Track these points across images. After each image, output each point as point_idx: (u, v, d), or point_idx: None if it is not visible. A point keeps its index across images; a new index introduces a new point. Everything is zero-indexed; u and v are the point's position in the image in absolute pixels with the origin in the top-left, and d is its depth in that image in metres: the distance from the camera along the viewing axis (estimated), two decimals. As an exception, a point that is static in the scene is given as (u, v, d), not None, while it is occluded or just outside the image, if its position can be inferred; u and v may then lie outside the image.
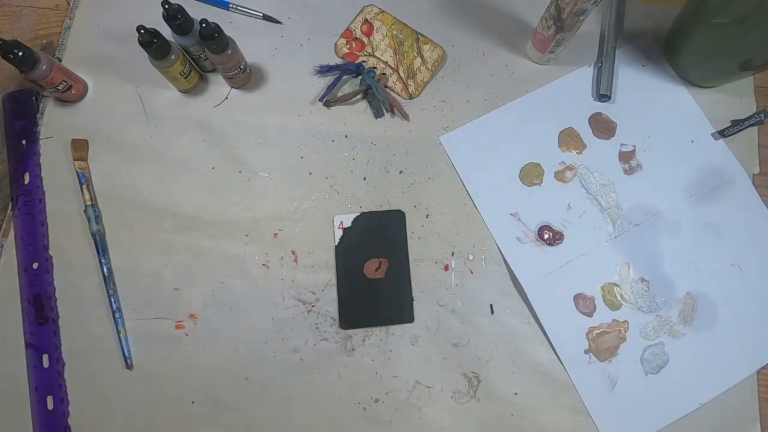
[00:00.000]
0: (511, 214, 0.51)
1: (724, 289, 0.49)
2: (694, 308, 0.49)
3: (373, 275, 0.50)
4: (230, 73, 0.50)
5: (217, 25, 0.45)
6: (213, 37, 0.45)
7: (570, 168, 0.52)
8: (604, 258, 0.50)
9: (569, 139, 0.53)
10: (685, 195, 0.51)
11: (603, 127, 0.53)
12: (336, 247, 0.50)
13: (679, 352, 0.48)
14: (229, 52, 0.48)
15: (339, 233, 0.50)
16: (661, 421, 0.47)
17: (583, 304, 0.49)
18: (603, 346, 0.48)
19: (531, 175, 0.52)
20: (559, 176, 0.52)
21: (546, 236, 0.50)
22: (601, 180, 0.52)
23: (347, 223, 0.51)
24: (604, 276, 0.50)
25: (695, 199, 0.51)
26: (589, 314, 0.49)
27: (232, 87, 0.54)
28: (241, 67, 0.50)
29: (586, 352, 0.48)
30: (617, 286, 0.50)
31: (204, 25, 0.45)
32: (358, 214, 0.51)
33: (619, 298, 0.49)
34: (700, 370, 0.48)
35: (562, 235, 0.50)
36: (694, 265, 0.50)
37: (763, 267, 0.50)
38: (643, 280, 0.50)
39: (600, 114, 0.54)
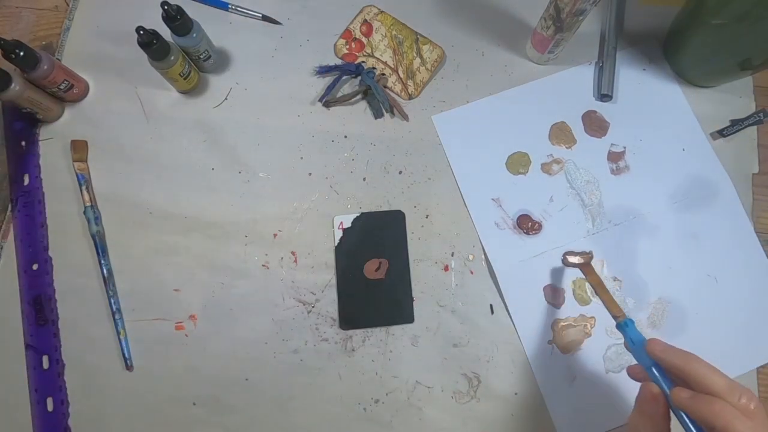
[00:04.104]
0: (492, 199, 0.51)
1: (697, 298, 0.49)
2: (664, 314, 0.49)
3: (373, 276, 0.50)
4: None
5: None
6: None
7: (557, 161, 0.52)
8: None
9: (560, 133, 0.53)
10: (669, 201, 0.51)
11: (596, 125, 0.53)
12: (336, 247, 0.50)
13: None
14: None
15: (339, 234, 0.50)
16: (616, 421, 0.47)
17: (553, 295, 0.49)
18: (567, 339, 0.48)
19: (518, 163, 0.52)
20: (546, 168, 0.52)
21: (525, 225, 0.50)
22: (586, 177, 0.52)
23: (347, 224, 0.51)
24: (577, 270, 0.50)
25: (679, 206, 0.51)
26: (557, 306, 0.49)
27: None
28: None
29: (549, 342, 0.48)
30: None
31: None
32: (358, 214, 0.51)
33: (589, 293, 0.49)
34: None
35: (540, 225, 0.51)
36: (669, 271, 0.50)
37: (739, 280, 0.50)
38: (615, 279, 0.50)
39: (594, 112, 0.54)
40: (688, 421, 0.32)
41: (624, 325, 0.38)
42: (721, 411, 0.30)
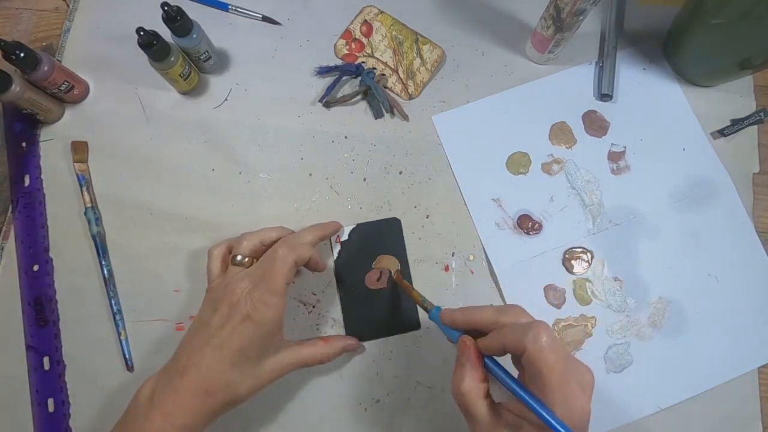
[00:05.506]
0: (493, 199, 0.51)
1: (698, 298, 0.49)
2: (665, 314, 0.49)
3: (375, 286, 0.49)
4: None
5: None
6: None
7: (558, 161, 0.52)
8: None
9: (560, 132, 0.53)
10: (670, 201, 0.51)
11: (596, 125, 0.53)
12: (335, 261, 0.50)
13: (644, 354, 0.48)
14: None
15: (337, 248, 0.50)
16: (617, 421, 0.46)
17: (553, 295, 0.49)
18: (567, 338, 0.48)
19: (518, 163, 0.52)
20: (546, 168, 0.52)
21: (525, 225, 0.50)
22: (587, 177, 0.52)
23: (344, 237, 0.50)
24: (577, 271, 0.50)
25: (680, 206, 0.51)
26: (558, 306, 0.49)
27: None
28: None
29: None
30: (589, 281, 0.50)
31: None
32: (354, 225, 0.51)
33: (589, 293, 0.49)
34: (663, 376, 0.47)
35: (541, 225, 0.51)
36: (670, 270, 0.50)
37: (740, 281, 0.50)
38: (616, 279, 0.50)
39: (594, 112, 0.54)
40: (501, 372, 0.35)
41: (438, 310, 0.40)
42: (531, 330, 0.31)
